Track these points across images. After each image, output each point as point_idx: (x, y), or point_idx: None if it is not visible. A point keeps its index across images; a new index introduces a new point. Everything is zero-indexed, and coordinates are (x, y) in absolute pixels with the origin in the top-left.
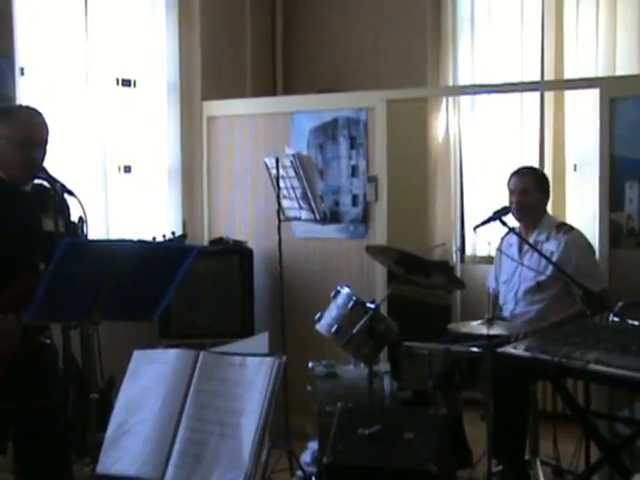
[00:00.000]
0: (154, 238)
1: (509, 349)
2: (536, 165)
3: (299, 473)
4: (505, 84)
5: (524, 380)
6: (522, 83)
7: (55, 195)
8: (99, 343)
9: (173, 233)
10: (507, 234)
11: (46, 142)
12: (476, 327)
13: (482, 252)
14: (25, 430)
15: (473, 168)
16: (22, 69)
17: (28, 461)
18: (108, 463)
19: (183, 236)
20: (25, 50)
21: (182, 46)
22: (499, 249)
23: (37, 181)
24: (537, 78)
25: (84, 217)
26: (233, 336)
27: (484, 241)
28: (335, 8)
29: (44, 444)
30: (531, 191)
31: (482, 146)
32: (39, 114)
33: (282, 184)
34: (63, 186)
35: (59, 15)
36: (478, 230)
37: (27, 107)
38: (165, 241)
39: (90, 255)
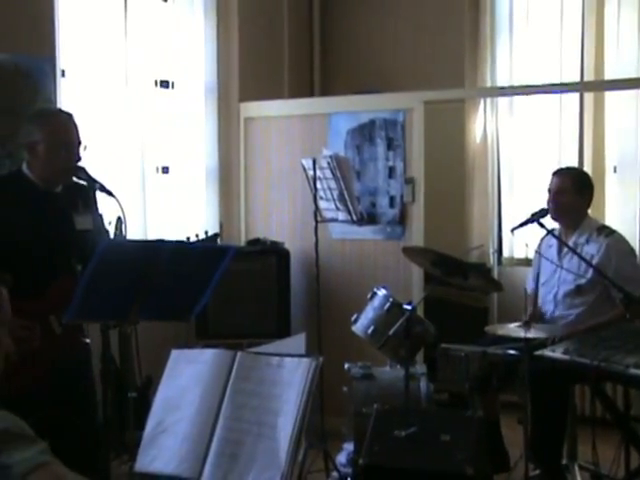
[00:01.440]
0: (188, 238)
1: (547, 352)
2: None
3: (334, 474)
4: (544, 85)
5: (562, 383)
6: (561, 84)
7: (91, 192)
8: (137, 343)
9: (206, 233)
10: (546, 235)
11: (79, 144)
12: (513, 329)
13: (520, 254)
14: (60, 430)
15: (511, 170)
16: (63, 71)
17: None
18: (146, 461)
19: (216, 235)
20: (66, 52)
21: (220, 47)
22: (537, 251)
23: None
24: (577, 79)
25: (123, 217)
26: (269, 337)
27: (522, 243)
28: (373, 9)
29: (79, 442)
30: (567, 192)
31: (520, 148)
32: (71, 117)
33: (319, 185)
34: (102, 186)
35: (99, 17)
36: (516, 232)
37: (60, 110)
38: (198, 240)
39: (128, 255)
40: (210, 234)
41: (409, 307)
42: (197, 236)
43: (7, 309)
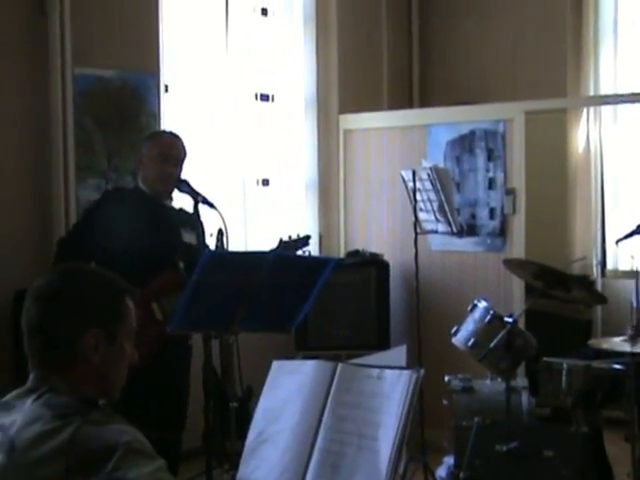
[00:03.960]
0: (281, 239)
1: None
2: None
3: None
4: None
5: None
6: None
7: (196, 210)
8: (238, 353)
9: (298, 235)
10: None
11: (182, 161)
12: (618, 343)
13: (625, 266)
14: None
15: (615, 180)
16: (166, 86)
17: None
18: (247, 471)
19: (307, 237)
20: (169, 68)
21: (319, 60)
22: None
23: (175, 201)
24: None
25: (224, 229)
26: (369, 348)
27: (627, 255)
28: (472, 19)
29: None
30: None
31: (624, 157)
32: (177, 137)
33: (419, 197)
34: (205, 199)
35: (201, 33)
36: (621, 243)
37: (169, 132)
38: (291, 241)
39: (230, 266)
40: (302, 235)
41: (510, 320)
42: (290, 237)
43: (134, 321)
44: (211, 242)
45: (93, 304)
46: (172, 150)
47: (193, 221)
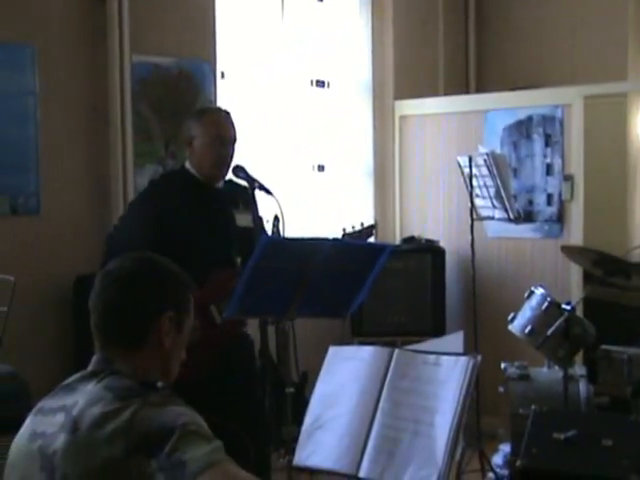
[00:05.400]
0: (344, 230)
1: None
2: None
3: (490, 475)
4: None
5: None
6: None
7: (250, 192)
8: (294, 339)
9: (362, 224)
10: None
11: (235, 140)
12: None
13: None
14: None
15: None
16: (222, 73)
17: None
18: (304, 456)
19: (372, 226)
20: (225, 55)
21: (375, 46)
22: None
23: (227, 178)
24: None
25: (280, 215)
26: (424, 335)
27: None
28: (530, 1)
29: (244, 434)
30: None
31: None
32: (228, 114)
33: (475, 183)
34: (261, 185)
35: (257, 20)
36: None
37: (218, 108)
38: (355, 232)
39: (287, 253)
40: (366, 225)
41: (568, 307)
42: (353, 227)
43: (193, 318)
44: (267, 227)
45: (168, 289)
46: (227, 131)
47: (244, 196)
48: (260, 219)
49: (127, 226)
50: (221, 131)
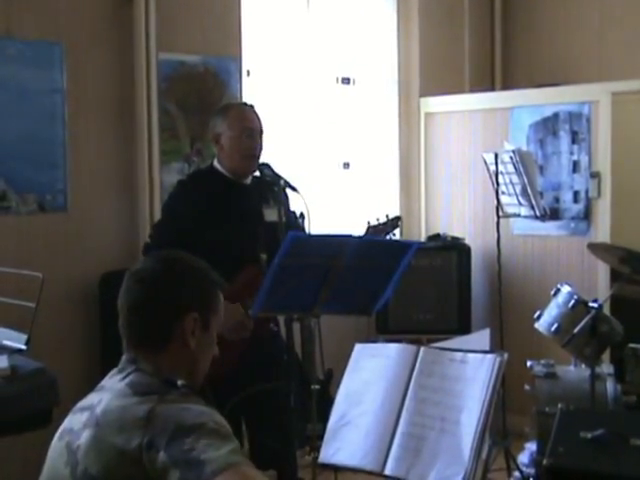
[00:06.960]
0: (369, 222)
1: None
2: None
3: (516, 474)
4: None
5: None
6: None
7: (278, 188)
8: (320, 336)
9: (387, 216)
10: None
11: (262, 132)
12: None
13: None
14: (255, 416)
15: None
16: (248, 71)
17: (256, 446)
18: (329, 453)
19: (397, 218)
20: (251, 52)
21: (400, 43)
22: None
23: (256, 174)
24: None
25: (306, 212)
26: (450, 333)
27: None
28: None
29: (272, 429)
30: None
31: None
32: (252, 107)
33: (501, 180)
34: (287, 182)
35: (282, 17)
36: None
37: (241, 102)
38: (380, 225)
39: (313, 249)
40: (391, 217)
41: (595, 305)
42: (378, 220)
43: (222, 315)
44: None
45: (193, 290)
46: (254, 122)
47: (272, 190)
48: (293, 214)
49: (161, 233)
50: (247, 123)
